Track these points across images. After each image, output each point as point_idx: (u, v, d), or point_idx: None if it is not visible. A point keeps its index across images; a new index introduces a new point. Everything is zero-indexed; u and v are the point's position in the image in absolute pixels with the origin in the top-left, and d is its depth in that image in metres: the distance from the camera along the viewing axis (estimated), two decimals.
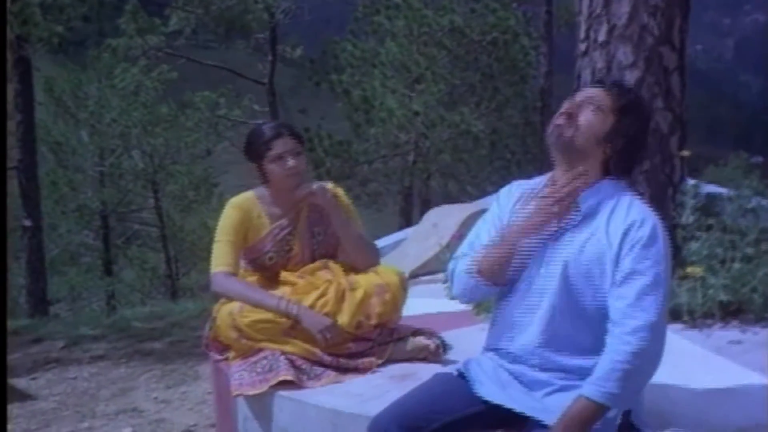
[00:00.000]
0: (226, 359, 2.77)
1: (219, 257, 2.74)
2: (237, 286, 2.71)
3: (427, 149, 14.87)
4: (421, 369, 2.57)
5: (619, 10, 3.26)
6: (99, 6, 12.87)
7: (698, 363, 2.61)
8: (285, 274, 2.82)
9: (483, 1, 14.90)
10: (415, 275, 4.33)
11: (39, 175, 12.87)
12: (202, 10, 17.20)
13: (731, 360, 2.61)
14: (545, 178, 2.04)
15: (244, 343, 2.65)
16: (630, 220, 1.86)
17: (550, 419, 1.81)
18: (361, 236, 2.85)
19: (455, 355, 2.68)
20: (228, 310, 2.66)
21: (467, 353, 2.21)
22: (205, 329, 2.89)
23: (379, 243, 4.59)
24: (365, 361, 2.65)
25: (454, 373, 2.07)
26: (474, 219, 2.15)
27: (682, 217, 3.27)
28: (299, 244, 2.84)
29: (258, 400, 2.54)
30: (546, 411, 1.85)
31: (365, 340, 2.71)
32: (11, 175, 10.95)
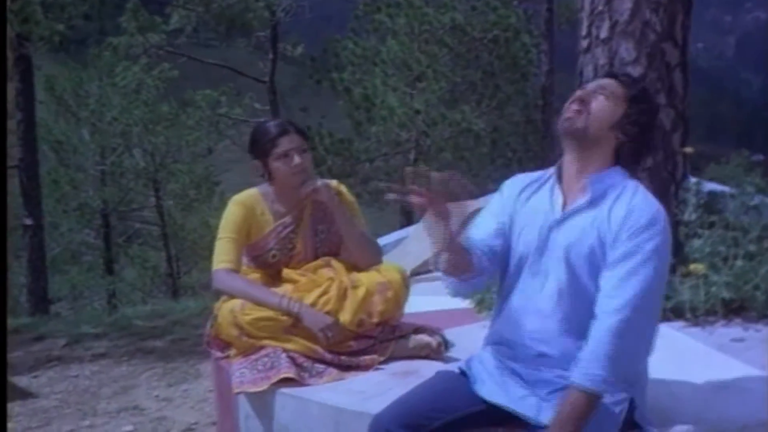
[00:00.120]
0: (227, 357, 2.76)
1: (221, 254, 2.73)
2: (239, 283, 2.70)
3: (428, 147, 14.85)
4: (423, 366, 2.56)
5: (621, 6, 3.25)
6: (100, 4, 12.89)
7: (701, 360, 2.61)
8: (287, 272, 2.81)
9: None
10: (416, 273, 4.32)
11: (40, 173, 12.86)
12: (203, 8, 17.15)
13: (734, 358, 2.60)
14: (549, 171, 2.04)
15: (246, 340, 2.64)
16: (631, 205, 1.87)
17: (550, 419, 1.79)
18: (364, 234, 2.84)
19: (457, 353, 2.68)
20: (229, 307, 2.65)
21: (469, 351, 2.21)
22: (206, 327, 2.88)
23: (381, 241, 4.57)
24: (367, 359, 2.65)
25: (456, 371, 2.06)
26: (476, 216, 2.14)
27: (684, 214, 3.26)
28: (302, 241, 2.84)
29: (259, 398, 2.53)
30: (547, 411, 1.83)
31: (367, 337, 2.70)
32: (12, 173, 10.96)
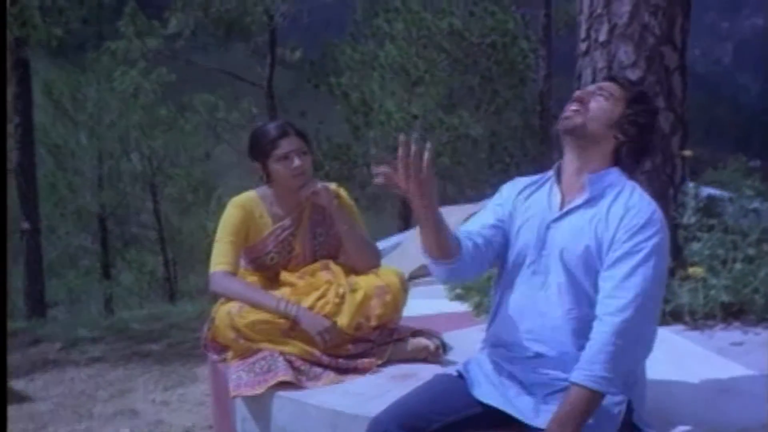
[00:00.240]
0: (224, 360, 2.74)
1: (219, 256, 2.72)
2: (236, 286, 2.69)
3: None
4: (422, 369, 2.55)
5: (620, 9, 3.25)
6: (98, 8, 12.89)
7: (700, 362, 2.60)
8: (285, 275, 2.80)
9: (482, 4, 14.91)
10: (414, 276, 4.31)
11: (37, 177, 12.85)
12: (201, 12, 17.17)
13: (733, 361, 2.59)
14: (549, 172, 2.05)
15: (243, 343, 2.62)
16: (629, 205, 1.88)
17: (547, 422, 1.78)
18: (362, 238, 2.83)
19: (455, 356, 2.67)
20: (226, 310, 2.64)
21: (467, 354, 2.20)
22: (203, 329, 2.87)
23: (379, 245, 4.57)
24: (365, 362, 2.64)
25: (454, 374, 2.06)
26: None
27: (683, 217, 3.26)
28: (301, 244, 2.82)
29: (256, 401, 2.52)
30: (544, 413, 1.82)
31: (365, 341, 2.69)
32: (9, 177, 10.94)
